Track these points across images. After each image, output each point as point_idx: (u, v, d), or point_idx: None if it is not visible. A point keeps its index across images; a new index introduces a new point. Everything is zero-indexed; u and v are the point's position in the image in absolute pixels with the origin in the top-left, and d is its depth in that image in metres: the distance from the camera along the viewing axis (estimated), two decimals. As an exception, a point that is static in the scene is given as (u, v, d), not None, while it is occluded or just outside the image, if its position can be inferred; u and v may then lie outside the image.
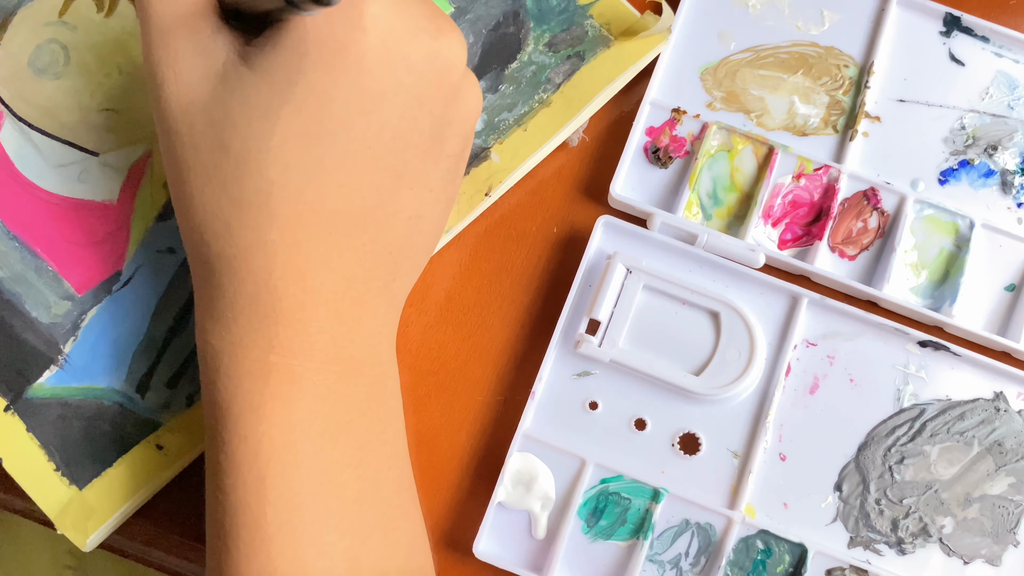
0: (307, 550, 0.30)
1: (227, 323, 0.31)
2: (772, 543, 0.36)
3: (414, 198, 0.32)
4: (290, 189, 0.30)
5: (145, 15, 0.31)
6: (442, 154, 0.32)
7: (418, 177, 0.32)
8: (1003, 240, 0.39)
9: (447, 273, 0.39)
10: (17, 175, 0.38)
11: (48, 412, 0.36)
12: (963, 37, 0.41)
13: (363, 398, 0.32)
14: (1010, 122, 0.40)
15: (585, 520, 0.36)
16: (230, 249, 0.30)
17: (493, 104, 0.40)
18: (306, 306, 0.30)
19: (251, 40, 0.30)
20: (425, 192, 0.32)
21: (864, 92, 0.40)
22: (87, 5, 0.40)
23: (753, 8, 0.41)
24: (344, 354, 0.31)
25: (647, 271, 0.38)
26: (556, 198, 0.40)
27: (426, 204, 0.33)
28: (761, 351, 0.37)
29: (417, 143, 0.31)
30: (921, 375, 0.38)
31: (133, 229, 0.38)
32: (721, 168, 0.40)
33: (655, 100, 0.40)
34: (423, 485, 0.37)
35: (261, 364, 0.30)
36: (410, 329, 0.39)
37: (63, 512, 0.36)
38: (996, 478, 0.37)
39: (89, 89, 0.39)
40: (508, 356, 0.39)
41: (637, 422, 0.37)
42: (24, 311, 0.37)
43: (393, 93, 0.30)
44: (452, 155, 0.33)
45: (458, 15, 0.41)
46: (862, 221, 0.39)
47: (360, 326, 0.32)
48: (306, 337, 0.31)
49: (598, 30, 0.40)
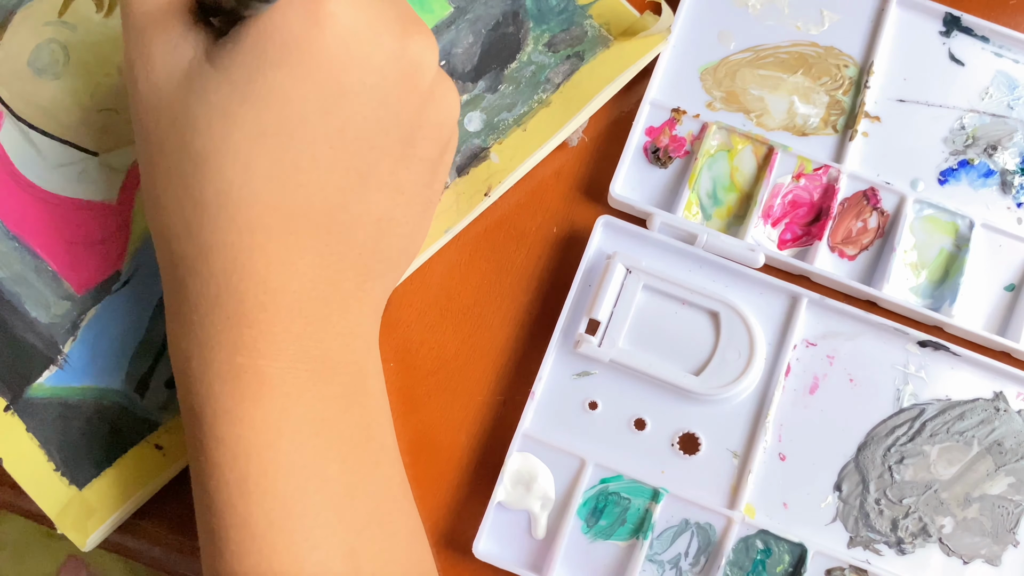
0: (299, 544, 0.30)
1: (193, 325, 0.30)
2: (772, 543, 0.36)
3: (383, 200, 0.32)
4: (249, 189, 0.29)
5: (124, 15, 0.31)
6: (414, 157, 0.32)
7: (386, 179, 0.31)
8: (1003, 240, 0.39)
9: (447, 273, 0.39)
10: (17, 175, 0.38)
11: (48, 412, 0.36)
12: (963, 37, 0.41)
13: (339, 395, 0.32)
14: (1010, 122, 0.40)
15: (585, 520, 0.36)
16: (192, 250, 0.30)
17: (492, 104, 0.40)
18: (268, 307, 0.30)
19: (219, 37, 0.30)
20: (395, 195, 0.32)
21: (864, 92, 0.40)
22: (87, 5, 0.40)
23: (753, 8, 0.41)
24: (313, 353, 0.31)
25: (647, 271, 0.38)
26: (556, 198, 0.40)
27: (397, 207, 0.32)
28: (761, 351, 0.37)
29: (383, 145, 0.31)
30: (921, 375, 0.38)
31: (133, 229, 0.38)
32: (721, 168, 0.40)
33: (655, 100, 0.40)
34: (423, 485, 0.37)
35: (229, 366, 0.30)
36: (410, 329, 0.39)
37: (63, 512, 0.36)
38: (996, 478, 0.37)
39: (89, 89, 0.39)
40: (508, 356, 0.39)
41: (637, 422, 0.37)
42: (24, 311, 0.37)
43: (355, 93, 0.30)
44: (425, 159, 0.32)
45: (458, 15, 0.41)
46: (862, 221, 0.39)
47: (328, 325, 0.32)
48: (271, 338, 0.30)
49: (597, 30, 0.40)
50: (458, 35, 0.40)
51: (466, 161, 0.39)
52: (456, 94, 0.33)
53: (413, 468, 0.37)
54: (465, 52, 0.40)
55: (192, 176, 0.29)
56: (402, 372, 0.38)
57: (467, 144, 0.39)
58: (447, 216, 0.39)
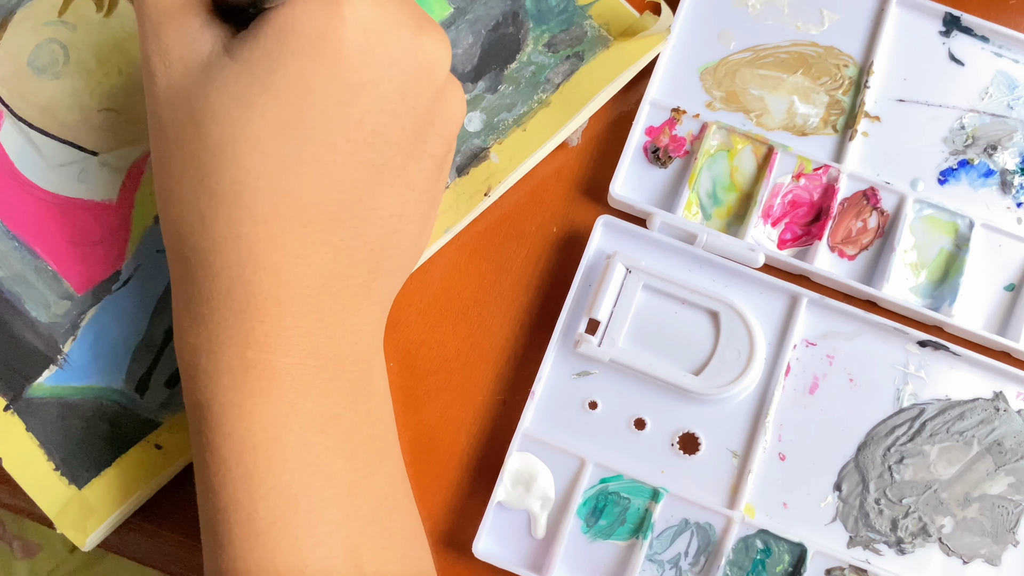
0: (303, 541, 0.30)
1: (203, 319, 0.31)
2: (771, 543, 0.36)
3: (395, 195, 0.32)
4: (266, 181, 0.29)
5: (139, 11, 0.31)
6: (424, 153, 0.32)
7: (399, 175, 0.32)
8: (1003, 240, 0.39)
9: (447, 273, 0.39)
10: (17, 175, 0.38)
11: (47, 412, 0.36)
12: (963, 37, 0.41)
13: (346, 392, 0.32)
14: (1010, 122, 0.40)
15: (584, 520, 0.36)
16: (205, 242, 0.30)
17: (492, 104, 0.40)
18: (280, 301, 0.30)
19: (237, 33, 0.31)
20: (407, 191, 0.32)
21: (864, 92, 0.40)
22: (87, 5, 0.40)
23: (753, 8, 0.41)
24: (322, 349, 0.31)
25: (647, 271, 0.38)
26: (556, 198, 0.40)
27: (408, 203, 0.32)
28: (761, 351, 0.37)
29: (398, 139, 0.31)
30: (921, 375, 0.38)
31: (132, 229, 0.38)
32: (721, 168, 0.40)
33: (655, 100, 0.40)
34: (423, 484, 0.37)
35: (239, 360, 0.30)
36: (410, 329, 0.39)
37: (62, 511, 0.36)
38: (995, 478, 0.37)
39: (89, 89, 0.39)
40: (508, 356, 0.39)
41: (637, 422, 0.37)
42: (24, 311, 0.37)
43: (374, 86, 0.30)
44: (434, 156, 0.33)
45: (458, 15, 0.41)
46: (862, 221, 0.39)
47: (339, 322, 0.32)
48: (282, 332, 0.30)
49: (597, 30, 0.40)
50: (458, 35, 0.40)
51: (466, 161, 0.39)
52: (463, 95, 0.33)
53: (413, 468, 0.37)
54: (465, 52, 0.40)
55: (209, 166, 0.30)
56: (402, 372, 0.38)
57: (467, 144, 0.39)
58: (447, 216, 0.39)
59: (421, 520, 0.35)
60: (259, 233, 0.30)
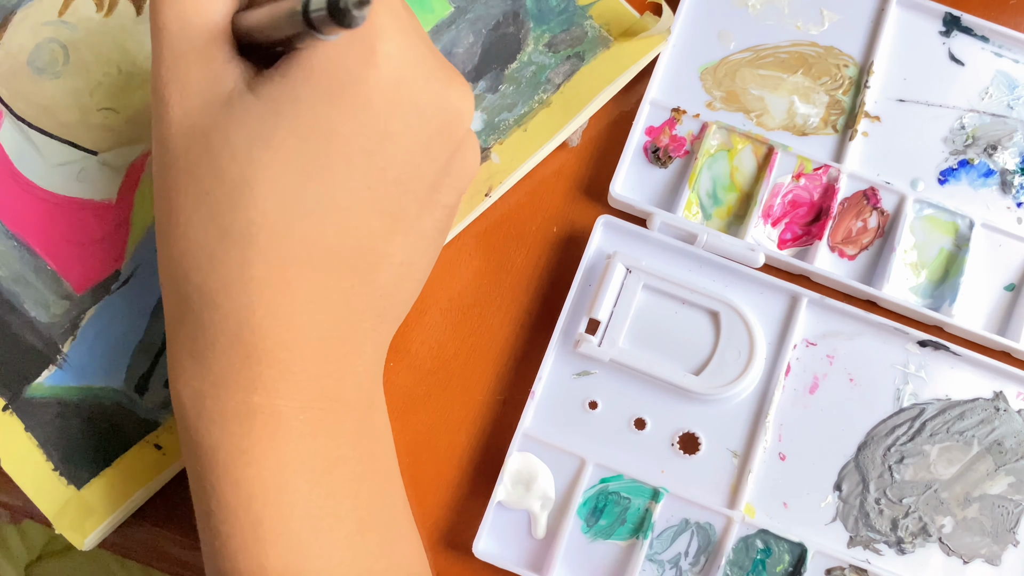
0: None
1: (208, 363, 0.30)
2: (772, 543, 0.36)
3: (407, 244, 0.31)
4: (283, 224, 0.29)
5: (159, 37, 0.30)
6: (438, 204, 0.32)
7: (413, 224, 0.31)
8: (1003, 240, 0.39)
9: (447, 273, 0.39)
10: (16, 174, 0.38)
11: (47, 412, 0.36)
12: (963, 37, 0.41)
13: (351, 431, 0.32)
14: (1010, 122, 0.40)
15: (585, 520, 0.36)
16: (212, 283, 0.29)
17: (493, 104, 0.40)
18: (290, 346, 0.29)
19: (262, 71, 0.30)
20: (418, 239, 0.32)
21: (864, 92, 0.40)
22: (87, 4, 0.40)
23: (753, 8, 0.41)
24: (329, 392, 0.31)
25: (647, 271, 0.38)
26: (556, 198, 0.40)
27: (417, 251, 0.32)
28: (761, 351, 0.37)
29: (416, 189, 0.31)
30: (921, 375, 0.38)
31: (132, 228, 0.38)
32: (721, 168, 0.40)
33: (655, 100, 0.40)
34: (423, 485, 0.37)
35: (245, 405, 0.29)
36: (410, 329, 0.39)
37: (61, 511, 0.36)
38: (996, 478, 0.37)
39: (88, 88, 0.39)
40: (508, 356, 0.38)
41: (637, 422, 0.37)
42: (23, 310, 0.37)
43: (400, 135, 0.29)
44: (447, 207, 0.32)
45: (458, 15, 0.41)
46: (862, 221, 0.39)
47: (346, 364, 0.31)
48: (290, 376, 0.30)
49: (598, 30, 0.40)
50: (458, 35, 0.40)
51: (466, 161, 0.39)
52: (479, 149, 0.33)
53: (413, 468, 0.37)
54: (466, 52, 0.40)
55: (223, 204, 0.29)
56: (402, 372, 0.38)
57: (467, 144, 0.39)
58: (447, 216, 0.39)
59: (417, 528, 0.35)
60: (272, 277, 0.29)
